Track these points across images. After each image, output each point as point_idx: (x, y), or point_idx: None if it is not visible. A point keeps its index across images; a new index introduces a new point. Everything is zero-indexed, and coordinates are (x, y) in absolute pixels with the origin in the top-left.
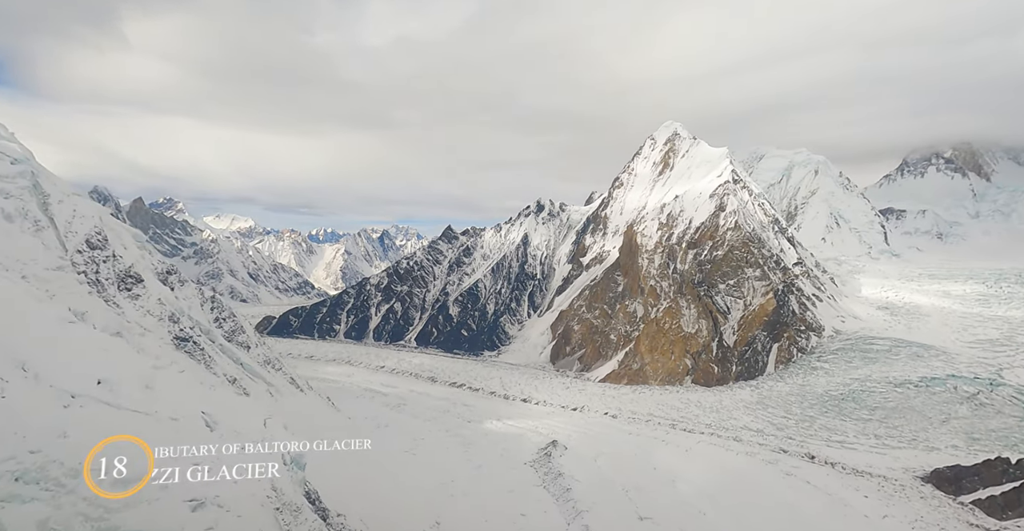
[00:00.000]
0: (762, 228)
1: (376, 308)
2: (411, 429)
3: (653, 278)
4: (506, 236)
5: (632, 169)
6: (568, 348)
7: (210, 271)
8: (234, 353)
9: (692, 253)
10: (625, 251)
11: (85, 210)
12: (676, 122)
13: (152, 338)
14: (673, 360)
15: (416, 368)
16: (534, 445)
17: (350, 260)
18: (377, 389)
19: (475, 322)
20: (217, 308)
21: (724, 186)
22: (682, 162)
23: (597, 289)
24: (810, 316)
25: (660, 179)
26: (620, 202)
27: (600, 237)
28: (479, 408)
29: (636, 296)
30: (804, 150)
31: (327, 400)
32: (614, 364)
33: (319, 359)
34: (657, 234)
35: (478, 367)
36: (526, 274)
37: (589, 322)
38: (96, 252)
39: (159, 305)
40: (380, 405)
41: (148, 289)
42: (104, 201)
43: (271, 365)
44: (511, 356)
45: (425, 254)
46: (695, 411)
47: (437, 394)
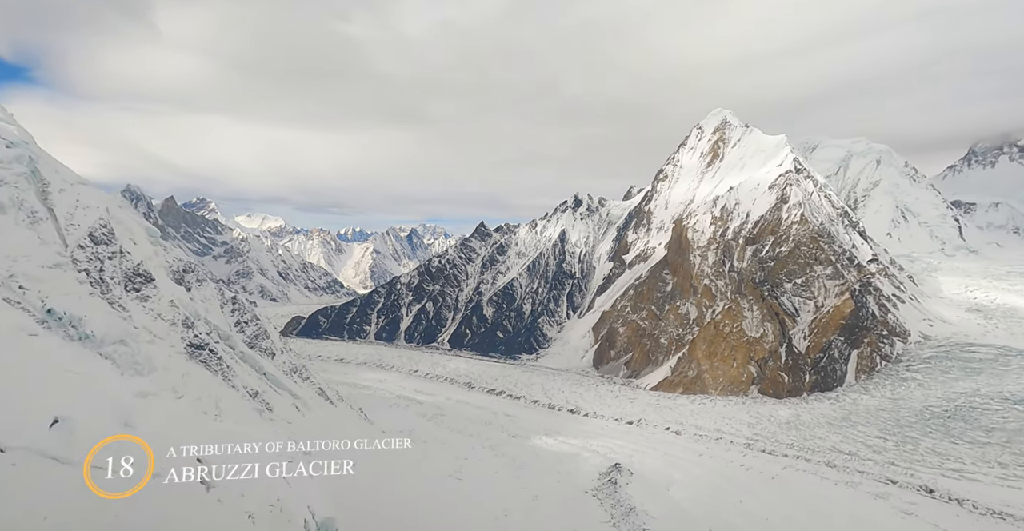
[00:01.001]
0: (830, 221)
1: (407, 308)
2: (453, 446)
3: (707, 277)
4: (542, 233)
5: (677, 160)
6: (613, 352)
7: (240, 270)
8: (257, 361)
9: (751, 249)
10: (674, 247)
11: (90, 200)
12: (725, 109)
13: (162, 346)
14: (735, 368)
15: (451, 373)
16: (593, 468)
17: (379, 259)
18: (412, 396)
19: (511, 323)
20: (239, 310)
21: (785, 176)
22: (733, 152)
23: (643, 288)
24: (892, 319)
25: (709, 170)
26: (665, 196)
27: (644, 233)
28: (524, 420)
29: (688, 296)
30: (863, 139)
31: (359, 412)
32: (666, 370)
33: (349, 362)
34: (710, 229)
35: (516, 372)
36: (564, 273)
37: (635, 324)
38: (101, 247)
39: (171, 308)
40: (416, 415)
41: (159, 290)
42: (136, 200)
43: (298, 374)
44: (551, 360)
45: (457, 252)
46: (769, 427)
47: (476, 402)
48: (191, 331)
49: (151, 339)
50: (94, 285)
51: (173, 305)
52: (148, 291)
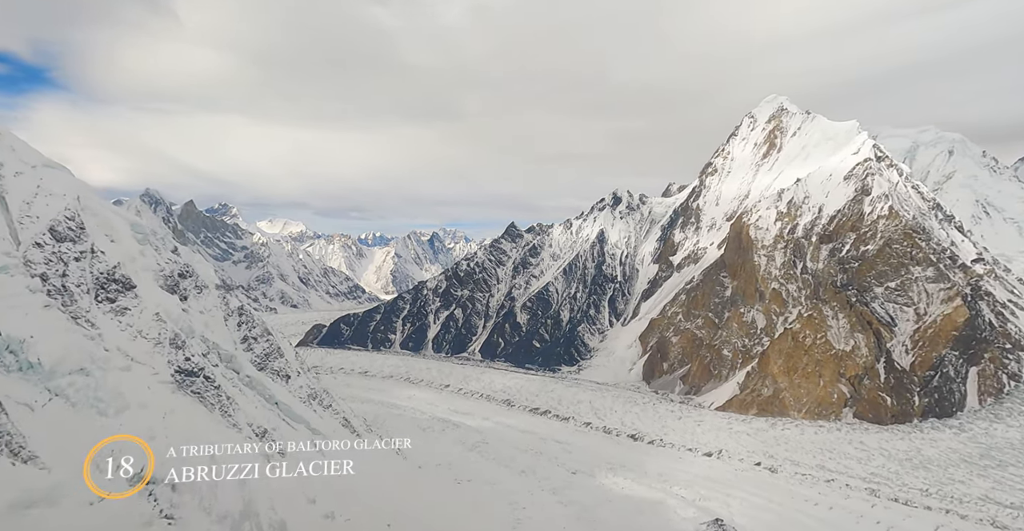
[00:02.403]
0: (922, 215)
1: (434, 315)
2: (504, 487)
3: (775, 280)
4: (578, 233)
5: (727, 153)
6: (666, 364)
7: (260, 276)
8: (267, 388)
9: (827, 248)
10: (732, 247)
11: (54, 186)
12: (781, 96)
13: (140, 374)
14: (822, 386)
15: (487, 388)
16: (686, 523)
17: (400, 263)
18: (446, 417)
19: (548, 332)
20: (246, 324)
21: (864, 165)
22: (794, 141)
23: (697, 293)
24: (1014, 329)
25: (765, 162)
26: (715, 191)
27: (692, 232)
28: (579, 449)
29: (753, 302)
30: (932, 127)
31: (390, 444)
32: (733, 387)
33: (374, 375)
34: (776, 226)
35: (559, 387)
36: (604, 276)
37: (691, 333)
38: (65, 246)
39: (157, 322)
40: (454, 443)
41: (142, 299)
42: (155, 205)
43: (318, 401)
44: (594, 372)
45: (487, 254)
46: (887, 465)
47: (519, 424)
48: (181, 352)
49: (126, 365)
50: (53, 295)
51: (159, 319)
52: (126, 301)
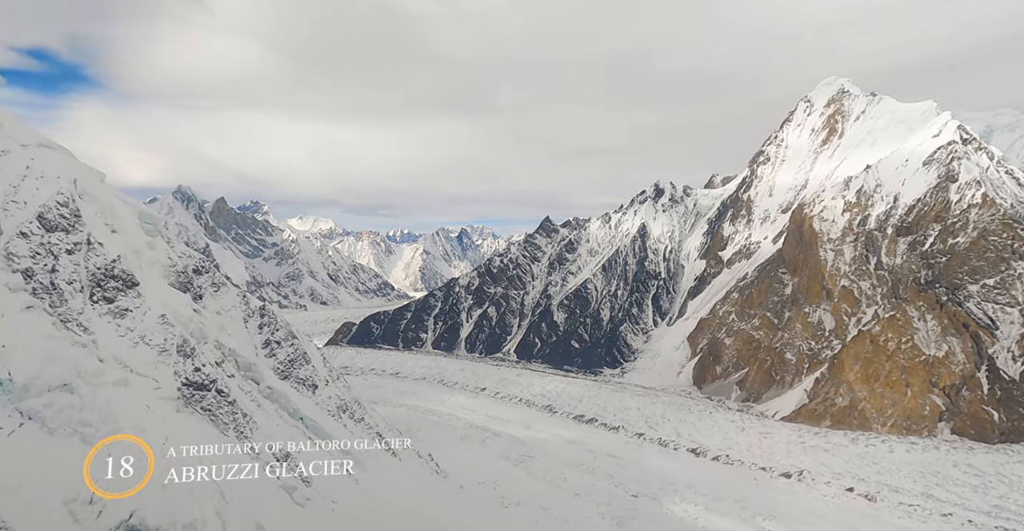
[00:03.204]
0: (1021, 204)
1: (467, 313)
2: (558, 515)
3: (845, 276)
4: (617, 227)
5: (781, 140)
6: (719, 368)
7: (290, 272)
8: (289, 401)
9: (905, 241)
10: (792, 241)
11: (48, 168)
12: (842, 78)
13: (140, 389)
14: (911, 397)
15: (525, 392)
16: None
17: (429, 260)
18: (484, 425)
19: (587, 331)
20: (269, 326)
21: (948, 148)
22: (857, 126)
23: (751, 291)
24: None
25: (825, 149)
26: (767, 181)
27: (743, 226)
28: (635, 465)
29: (818, 301)
30: (1008, 110)
31: (428, 460)
32: (799, 395)
33: (406, 377)
34: (843, 217)
35: (603, 392)
36: (647, 272)
37: (746, 334)
38: (55, 236)
39: (162, 326)
40: (496, 457)
41: (146, 299)
42: (188, 202)
43: (349, 413)
44: (639, 376)
45: (521, 250)
46: (1010, 494)
47: (564, 434)
48: (190, 361)
49: (122, 378)
50: (38, 294)
51: (165, 322)
52: (127, 301)
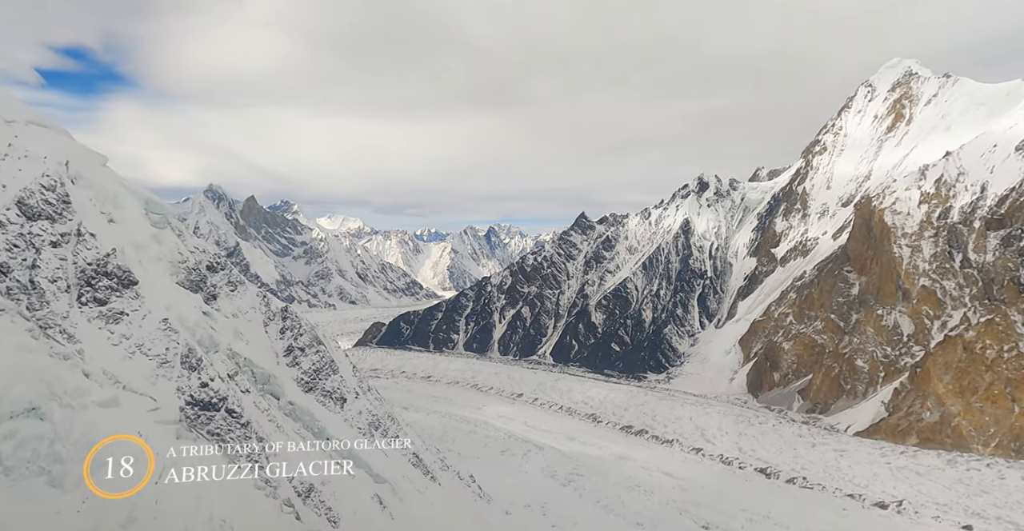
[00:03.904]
0: None
1: (500, 313)
2: None
3: (924, 275)
4: (658, 223)
5: (839, 128)
6: (777, 375)
7: (319, 271)
8: (315, 419)
9: (997, 236)
10: (859, 237)
11: (35, 147)
12: (909, 59)
13: (131, 411)
14: (1018, 413)
15: (565, 398)
16: None
17: (457, 259)
18: (525, 436)
19: (628, 333)
20: (292, 330)
21: None
22: (929, 110)
23: (811, 291)
24: None
25: (891, 137)
26: (824, 172)
27: (799, 220)
28: (699, 488)
29: (891, 302)
30: None
31: (470, 483)
32: (876, 407)
33: (438, 380)
34: (920, 210)
35: (651, 399)
36: (691, 271)
37: (808, 338)
38: (38, 225)
39: (165, 332)
40: (541, 474)
41: (146, 300)
42: (219, 201)
43: (381, 430)
44: (688, 382)
45: (555, 248)
46: None
47: (613, 447)
48: (196, 375)
49: (110, 397)
50: (13, 294)
51: (168, 327)
52: (122, 303)
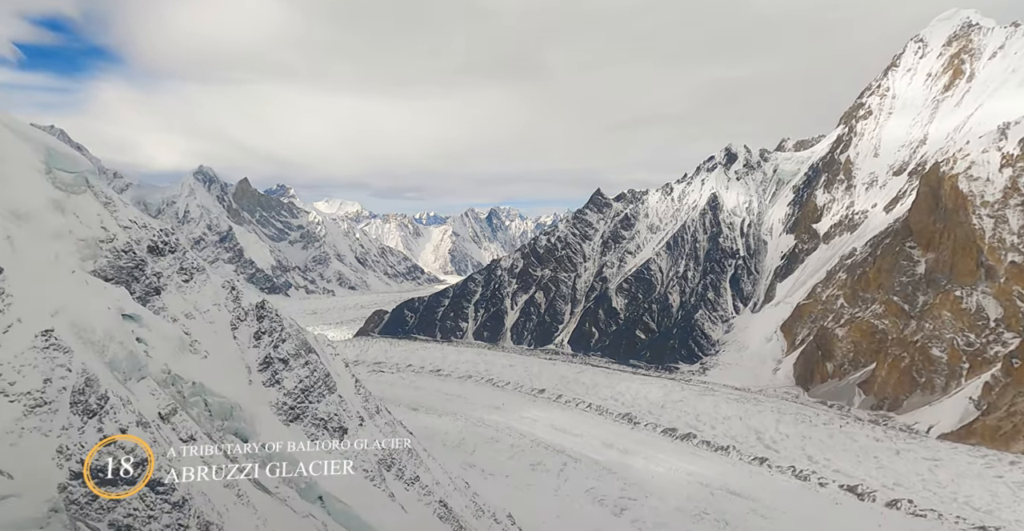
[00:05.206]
0: None
1: (511, 299)
2: None
3: (1014, 249)
4: (682, 199)
5: (886, 89)
6: (830, 365)
7: (317, 256)
8: (299, 468)
9: None
10: (924, 208)
11: None
12: (966, 9)
13: None
14: None
15: (592, 394)
16: None
17: (458, 242)
18: (555, 442)
19: (653, 320)
20: (270, 333)
21: None
22: (994, 64)
23: (866, 270)
24: None
25: (948, 96)
26: (870, 139)
27: (843, 192)
28: (780, 514)
29: (971, 281)
30: None
31: (509, 525)
32: (963, 404)
33: (448, 375)
34: (1002, 175)
35: (689, 395)
36: (722, 250)
37: (866, 324)
38: None
39: (43, 354)
40: (587, 498)
41: (17, 301)
42: (210, 183)
43: (395, 470)
44: (726, 373)
45: (569, 227)
46: None
47: (663, 459)
48: (93, 426)
49: None
50: None
51: (51, 346)
52: None
